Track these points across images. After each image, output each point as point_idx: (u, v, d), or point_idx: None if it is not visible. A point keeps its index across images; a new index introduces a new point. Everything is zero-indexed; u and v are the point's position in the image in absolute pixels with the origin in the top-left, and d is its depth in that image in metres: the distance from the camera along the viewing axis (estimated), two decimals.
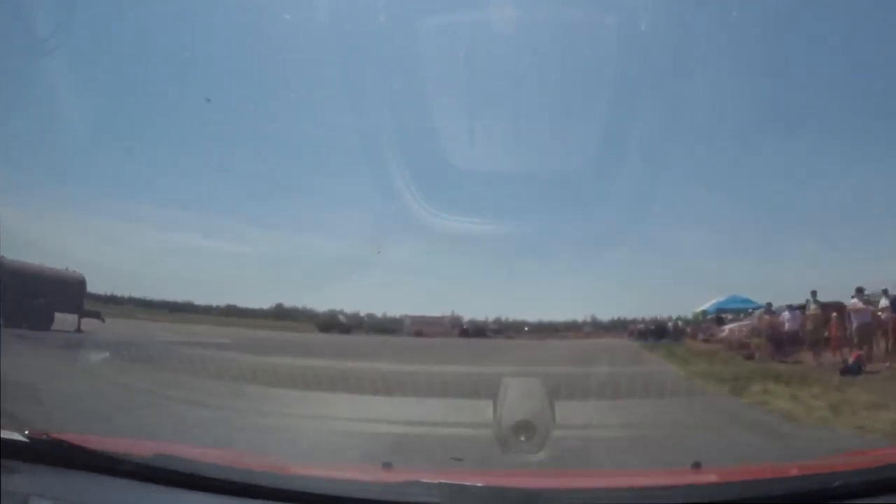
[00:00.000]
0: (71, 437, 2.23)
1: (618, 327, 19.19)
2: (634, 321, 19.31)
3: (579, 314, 17.61)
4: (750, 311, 17.31)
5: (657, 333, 18.59)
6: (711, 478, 2.31)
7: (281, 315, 16.31)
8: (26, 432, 2.15)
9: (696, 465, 2.37)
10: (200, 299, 14.73)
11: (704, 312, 19.53)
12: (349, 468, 3.01)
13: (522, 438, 3.74)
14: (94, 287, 13.63)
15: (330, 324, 16.98)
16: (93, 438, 2.35)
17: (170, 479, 2.07)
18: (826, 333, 12.13)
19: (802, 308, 12.83)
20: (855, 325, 11.15)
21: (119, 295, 14.37)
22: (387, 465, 2.46)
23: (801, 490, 1.94)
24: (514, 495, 2.05)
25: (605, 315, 17.83)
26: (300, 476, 2.18)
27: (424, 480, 2.03)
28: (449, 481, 2.02)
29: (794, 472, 2.26)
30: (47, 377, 7.02)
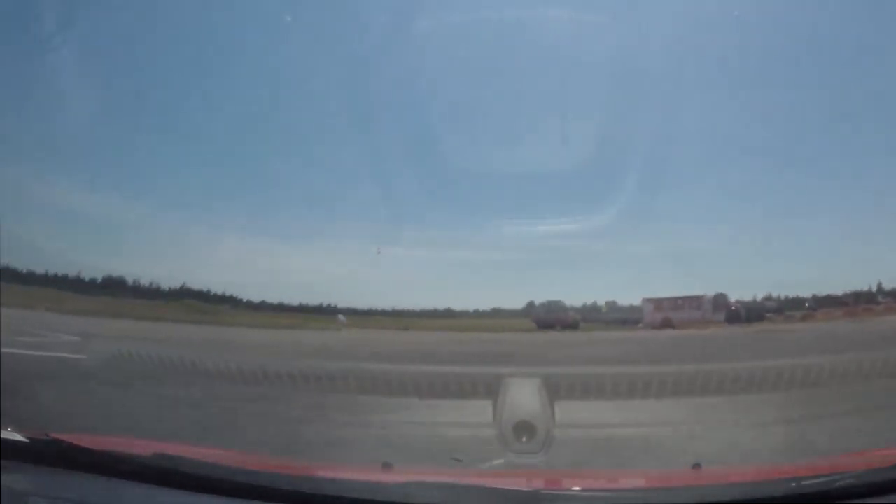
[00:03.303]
0: (71, 437, 2.22)
1: None
2: None
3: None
4: None
5: None
6: (712, 478, 2.31)
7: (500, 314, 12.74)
8: (26, 432, 2.15)
9: (697, 466, 2.37)
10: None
11: None
12: (349, 468, 3.01)
13: None
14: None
15: (551, 318, 12.66)
16: (93, 438, 2.35)
17: (170, 479, 2.06)
18: None
19: None
20: None
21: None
22: (387, 465, 2.46)
23: (802, 490, 1.93)
24: (515, 495, 2.05)
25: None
26: (300, 476, 2.18)
27: (424, 480, 2.03)
28: (449, 481, 2.02)
29: (794, 472, 2.26)
30: None
